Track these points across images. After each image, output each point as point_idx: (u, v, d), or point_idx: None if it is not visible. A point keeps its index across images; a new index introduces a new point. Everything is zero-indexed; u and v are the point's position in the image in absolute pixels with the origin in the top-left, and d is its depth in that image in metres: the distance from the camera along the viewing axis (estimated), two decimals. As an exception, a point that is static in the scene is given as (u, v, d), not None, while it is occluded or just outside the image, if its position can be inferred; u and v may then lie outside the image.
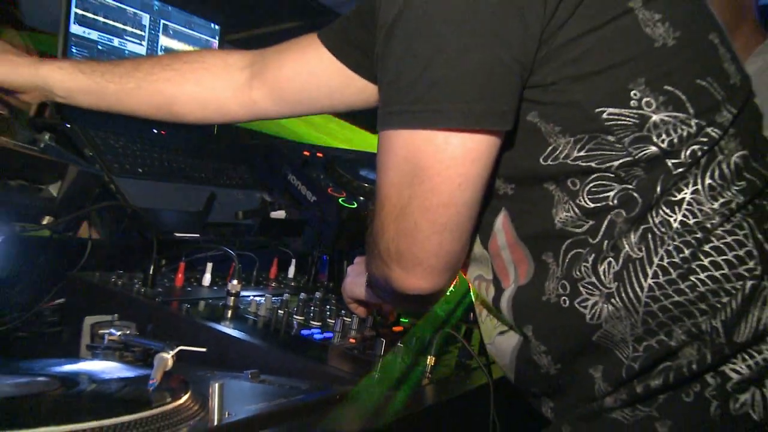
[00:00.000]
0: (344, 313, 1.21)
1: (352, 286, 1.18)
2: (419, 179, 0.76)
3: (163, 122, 1.25)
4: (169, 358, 0.78)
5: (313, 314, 1.20)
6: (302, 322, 1.18)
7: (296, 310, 1.21)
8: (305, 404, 0.81)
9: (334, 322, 1.14)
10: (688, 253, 0.75)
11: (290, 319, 1.16)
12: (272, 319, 1.13)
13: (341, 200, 1.58)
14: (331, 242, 1.59)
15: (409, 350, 1.06)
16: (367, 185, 1.65)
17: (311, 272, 1.59)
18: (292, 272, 1.59)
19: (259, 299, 1.22)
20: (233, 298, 1.15)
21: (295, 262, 1.59)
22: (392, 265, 0.82)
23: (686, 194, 0.75)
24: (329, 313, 1.24)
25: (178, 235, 1.40)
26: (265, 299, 1.20)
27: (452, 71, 0.73)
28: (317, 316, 1.20)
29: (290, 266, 1.59)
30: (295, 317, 1.18)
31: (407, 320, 1.29)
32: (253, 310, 1.19)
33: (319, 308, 1.22)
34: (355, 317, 1.18)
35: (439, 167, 0.75)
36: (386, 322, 1.25)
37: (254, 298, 1.23)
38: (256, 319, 1.15)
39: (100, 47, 1.56)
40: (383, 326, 1.22)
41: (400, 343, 1.04)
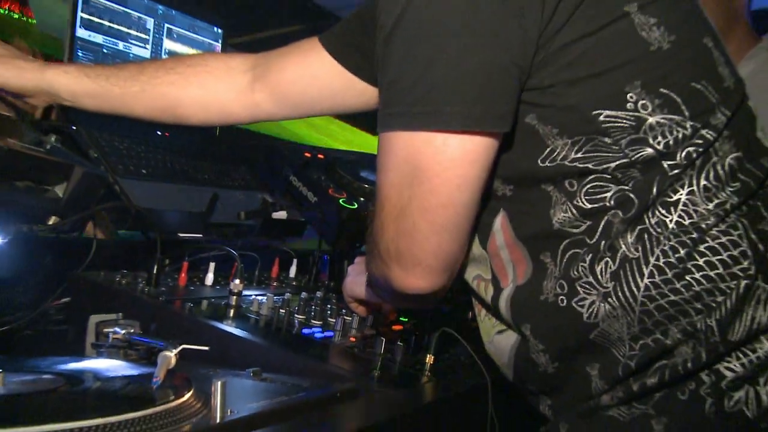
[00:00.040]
0: (345, 312, 1.20)
1: (352, 285, 1.18)
2: (419, 180, 0.76)
3: (166, 124, 1.25)
4: (172, 356, 0.77)
5: (314, 313, 1.20)
6: (303, 321, 1.17)
7: (297, 309, 1.21)
8: (306, 402, 0.81)
9: (334, 321, 1.13)
10: (683, 252, 0.74)
11: (292, 318, 1.15)
12: (274, 318, 1.12)
13: (342, 201, 1.58)
14: (331, 242, 1.58)
15: (408, 349, 1.06)
16: (367, 186, 1.64)
17: (312, 272, 1.58)
18: (293, 272, 1.58)
19: (261, 298, 1.21)
20: (235, 297, 1.15)
21: (296, 261, 1.59)
22: (392, 264, 0.82)
23: (682, 195, 0.75)
24: (330, 312, 1.23)
25: (181, 235, 1.40)
26: (266, 298, 1.19)
27: (451, 74, 0.72)
28: (318, 315, 1.19)
29: (292, 266, 1.59)
30: (296, 316, 1.18)
31: (407, 319, 1.28)
32: (255, 309, 1.19)
33: (320, 307, 1.22)
34: (355, 316, 1.18)
35: (438, 168, 0.75)
36: (386, 321, 1.24)
37: (256, 297, 1.23)
38: (258, 318, 1.14)
39: (105, 51, 1.55)
40: (383, 325, 1.22)
41: (399, 341, 1.03)
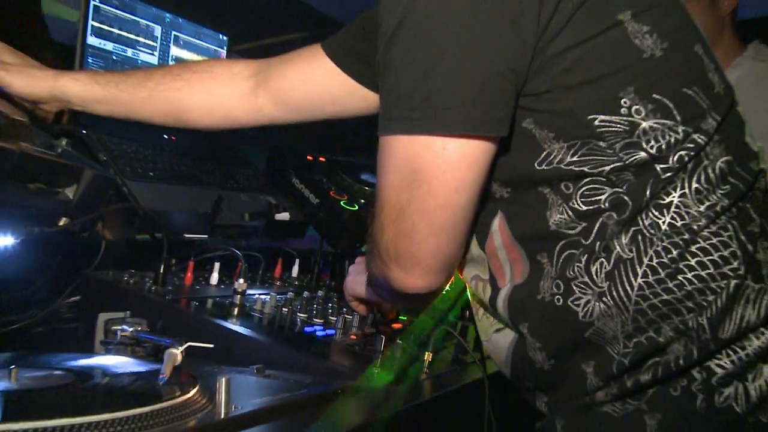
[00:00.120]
0: (346, 310, 1.20)
1: (353, 284, 1.17)
2: (417, 182, 0.75)
3: (173, 128, 1.25)
4: (178, 353, 0.77)
5: (315, 312, 1.19)
6: (305, 319, 1.17)
7: (300, 307, 1.20)
8: (308, 398, 0.81)
9: (336, 319, 1.13)
10: (676, 253, 0.74)
11: (294, 316, 1.15)
12: (277, 316, 1.12)
13: (343, 203, 1.57)
14: (333, 243, 1.57)
15: (408, 346, 1.05)
16: (367, 188, 1.64)
17: (314, 271, 1.58)
18: (295, 271, 1.57)
19: (264, 297, 1.20)
20: (239, 296, 1.14)
21: (298, 261, 1.58)
22: (391, 264, 0.81)
23: (674, 197, 0.75)
24: (331, 310, 1.23)
25: (187, 236, 1.40)
26: (270, 297, 1.18)
27: (450, 80, 0.72)
28: (320, 313, 1.19)
29: (294, 266, 1.58)
30: (298, 315, 1.17)
31: (406, 318, 1.28)
32: (258, 307, 1.18)
33: (321, 306, 1.21)
34: (356, 315, 1.17)
35: (436, 171, 0.74)
36: (386, 319, 1.24)
37: (260, 296, 1.22)
38: (261, 316, 1.14)
39: (114, 57, 1.55)
40: (383, 323, 1.21)
41: (399, 339, 1.03)
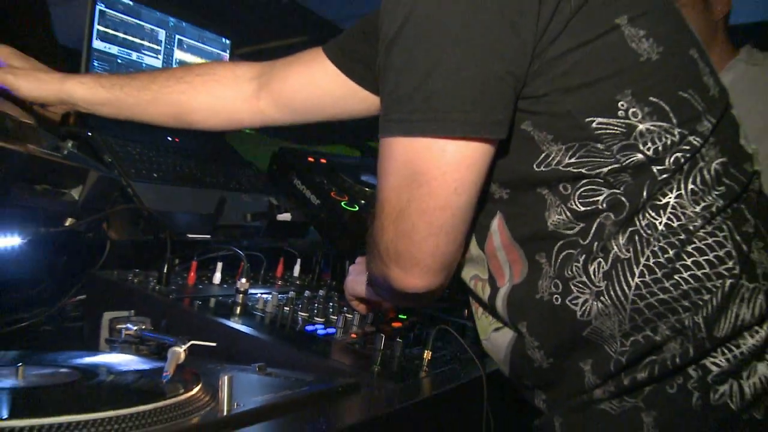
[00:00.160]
0: (346, 309, 1.19)
1: (353, 284, 1.16)
2: (417, 183, 0.75)
3: (176, 130, 1.25)
4: (181, 351, 0.77)
5: (316, 311, 1.19)
6: (307, 318, 1.16)
7: (301, 306, 1.20)
8: (309, 396, 0.80)
9: (336, 318, 1.12)
10: (672, 253, 0.74)
11: (295, 315, 1.14)
12: (278, 315, 1.11)
13: (343, 203, 1.57)
14: (333, 243, 1.57)
15: (407, 345, 1.05)
16: (367, 189, 1.63)
17: (315, 271, 1.57)
18: (297, 271, 1.57)
19: (266, 296, 1.20)
20: (242, 295, 1.14)
21: (300, 261, 1.58)
22: (391, 264, 0.80)
23: (670, 198, 0.74)
24: (332, 309, 1.22)
25: (190, 236, 1.39)
26: (271, 296, 1.18)
27: (450, 83, 0.72)
28: (321, 312, 1.18)
29: (295, 265, 1.58)
30: (300, 314, 1.17)
31: (405, 317, 1.27)
32: (260, 306, 1.18)
33: (322, 305, 1.20)
34: (356, 314, 1.17)
35: (436, 172, 0.74)
36: (386, 318, 1.23)
37: (261, 295, 1.22)
38: (263, 315, 1.13)
39: (119, 61, 1.54)
40: (383, 322, 1.21)
41: (398, 338, 1.02)
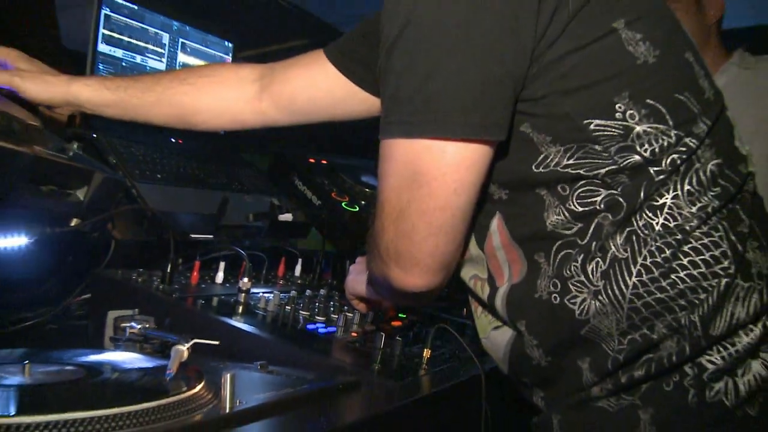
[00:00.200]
0: (347, 308, 1.19)
1: (353, 283, 1.16)
2: (417, 184, 0.74)
3: (179, 132, 1.25)
4: (184, 350, 0.76)
5: (317, 310, 1.18)
6: (308, 317, 1.16)
7: (302, 305, 1.19)
8: (310, 393, 0.80)
9: (337, 317, 1.12)
10: (669, 253, 0.73)
11: (297, 314, 1.14)
12: (280, 314, 1.11)
13: (344, 204, 1.56)
14: (334, 243, 1.57)
15: (406, 343, 1.04)
16: (368, 190, 1.63)
17: (316, 271, 1.56)
18: (298, 271, 1.56)
19: (267, 296, 1.19)
20: (244, 294, 1.13)
21: (301, 261, 1.57)
22: (391, 264, 0.80)
23: (667, 199, 0.74)
24: (333, 308, 1.22)
25: (193, 236, 1.39)
26: (273, 296, 1.17)
27: (449, 85, 0.71)
28: (322, 311, 1.18)
29: (297, 265, 1.57)
30: (301, 312, 1.16)
31: (405, 316, 1.27)
32: (262, 305, 1.17)
33: (323, 304, 1.20)
34: (356, 313, 1.16)
35: (436, 173, 0.73)
36: (386, 317, 1.23)
37: (263, 294, 1.21)
38: (265, 314, 1.13)
39: (124, 64, 1.54)
40: (383, 321, 1.20)
41: (398, 336, 1.02)
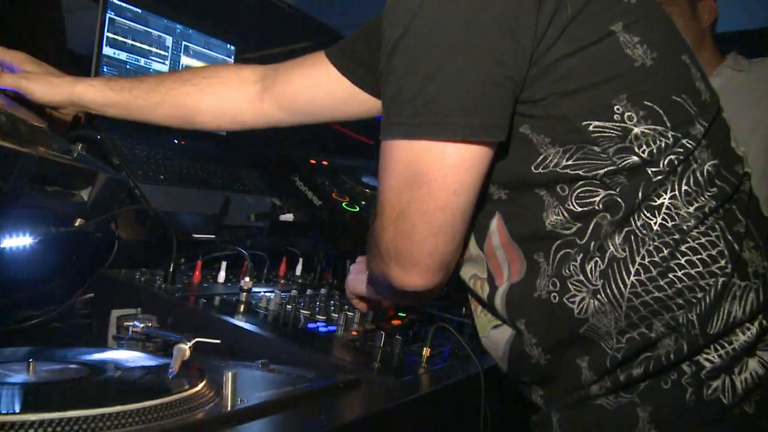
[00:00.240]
0: (347, 307, 1.19)
1: (354, 283, 1.16)
2: (418, 184, 0.74)
3: (182, 133, 1.24)
4: (186, 348, 0.76)
5: (318, 309, 1.18)
6: (308, 316, 1.15)
7: (303, 305, 1.19)
8: (311, 392, 0.80)
9: (337, 316, 1.11)
10: (666, 252, 0.73)
11: (297, 313, 1.14)
12: (281, 313, 1.10)
13: (344, 204, 1.56)
14: (335, 243, 1.56)
15: (406, 342, 1.04)
16: (368, 191, 1.63)
17: (317, 270, 1.56)
18: (299, 270, 1.56)
19: (269, 295, 1.19)
20: (245, 293, 1.13)
21: (302, 261, 1.57)
22: (391, 264, 0.80)
23: (665, 199, 0.74)
24: (333, 307, 1.21)
25: (195, 236, 1.38)
26: (274, 295, 1.17)
27: (450, 87, 0.71)
28: (322, 310, 1.17)
29: (298, 265, 1.57)
30: (302, 311, 1.16)
31: (405, 314, 1.26)
32: (263, 304, 1.17)
33: (324, 303, 1.20)
34: (357, 312, 1.16)
35: (436, 174, 0.73)
36: (386, 316, 1.22)
37: (265, 293, 1.21)
38: (266, 313, 1.12)
39: (128, 66, 1.53)
40: (383, 320, 1.20)
41: (398, 335, 1.02)
